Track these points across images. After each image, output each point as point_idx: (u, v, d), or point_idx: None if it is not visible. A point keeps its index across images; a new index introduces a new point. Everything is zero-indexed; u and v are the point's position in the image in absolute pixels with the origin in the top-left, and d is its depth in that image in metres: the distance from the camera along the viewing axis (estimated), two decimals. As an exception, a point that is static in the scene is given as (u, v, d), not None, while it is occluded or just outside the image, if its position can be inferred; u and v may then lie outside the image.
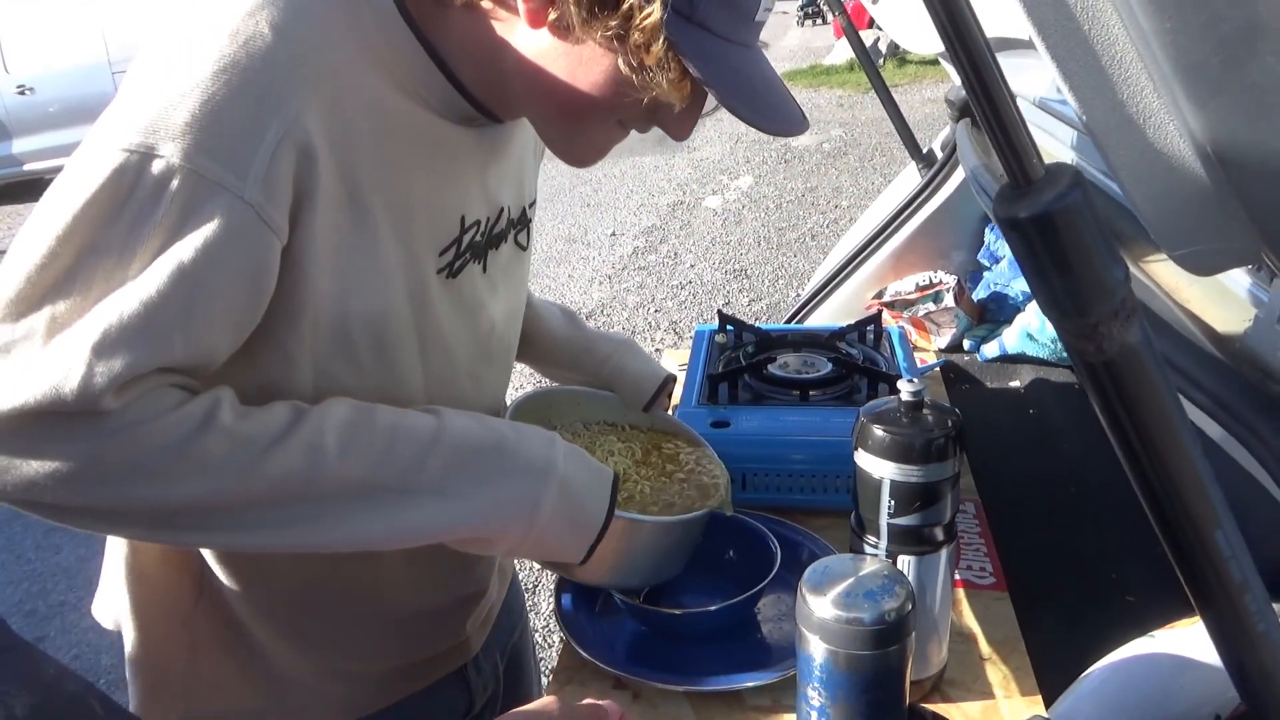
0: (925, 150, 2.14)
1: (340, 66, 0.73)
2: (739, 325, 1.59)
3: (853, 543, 0.93)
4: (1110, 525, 1.27)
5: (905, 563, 0.89)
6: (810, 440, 1.24)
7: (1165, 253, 0.58)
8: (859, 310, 1.93)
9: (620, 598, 1.01)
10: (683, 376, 1.44)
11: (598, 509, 0.84)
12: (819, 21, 17.45)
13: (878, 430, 0.86)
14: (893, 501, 0.87)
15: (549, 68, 0.77)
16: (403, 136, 0.79)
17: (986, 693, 0.95)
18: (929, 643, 0.93)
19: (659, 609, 1.01)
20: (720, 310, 1.76)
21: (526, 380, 3.43)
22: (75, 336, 0.66)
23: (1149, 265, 0.92)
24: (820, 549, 1.13)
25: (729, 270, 5.58)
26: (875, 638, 0.74)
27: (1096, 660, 0.87)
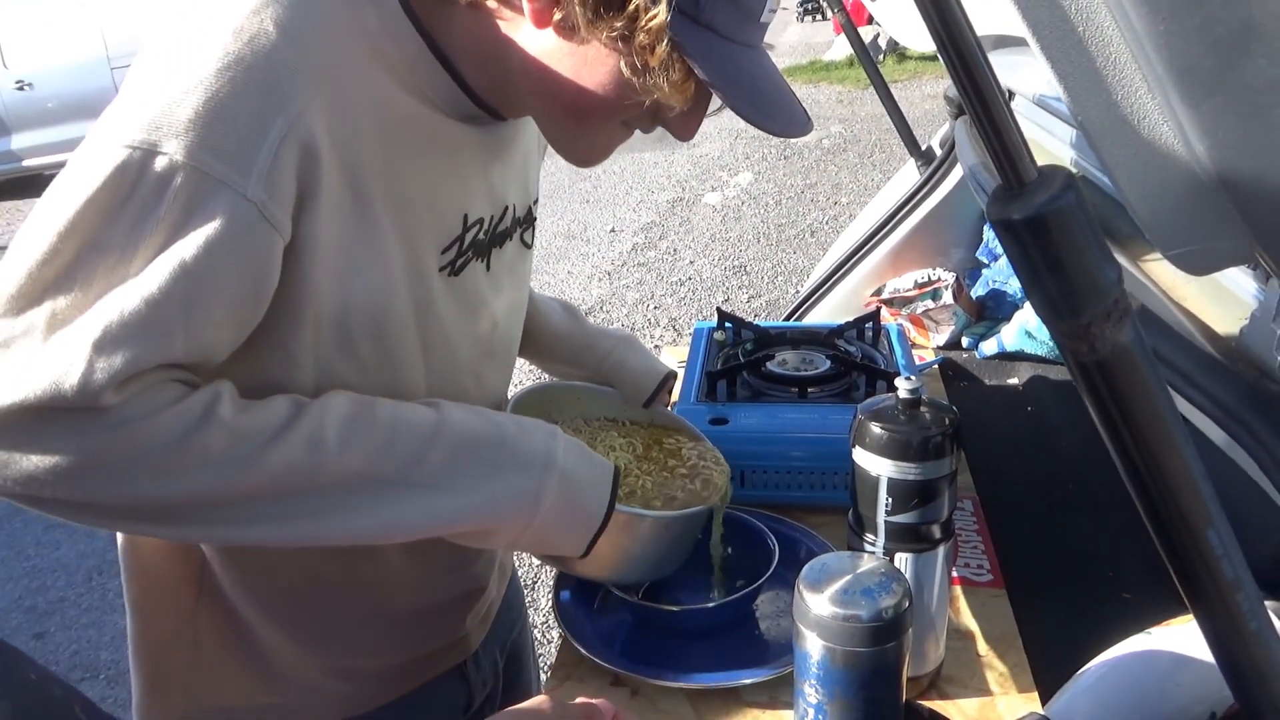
0: (924, 147, 2.14)
1: (344, 64, 0.73)
2: (738, 322, 1.59)
3: (850, 540, 0.93)
4: (1108, 523, 1.28)
5: (903, 560, 0.89)
6: (809, 437, 1.24)
7: (1160, 252, 0.59)
8: (858, 307, 1.93)
9: (619, 594, 1.01)
10: (682, 373, 1.44)
11: (598, 503, 0.84)
12: (819, 17, 17.41)
13: (875, 428, 0.87)
14: (890, 499, 0.87)
15: (554, 67, 0.77)
16: (406, 134, 0.79)
17: (983, 690, 0.96)
18: (926, 640, 0.93)
19: (657, 605, 1.01)
20: (719, 307, 1.76)
21: (527, 376, 3.43)
22: (76, 332, 0.66)
23: (1146, 264, 0.92)
24: (818, 546, 1.13)
25: (728, 267, 5.58)
26: (872, 635, 0.74)
27: (1093, 657, 0.88)
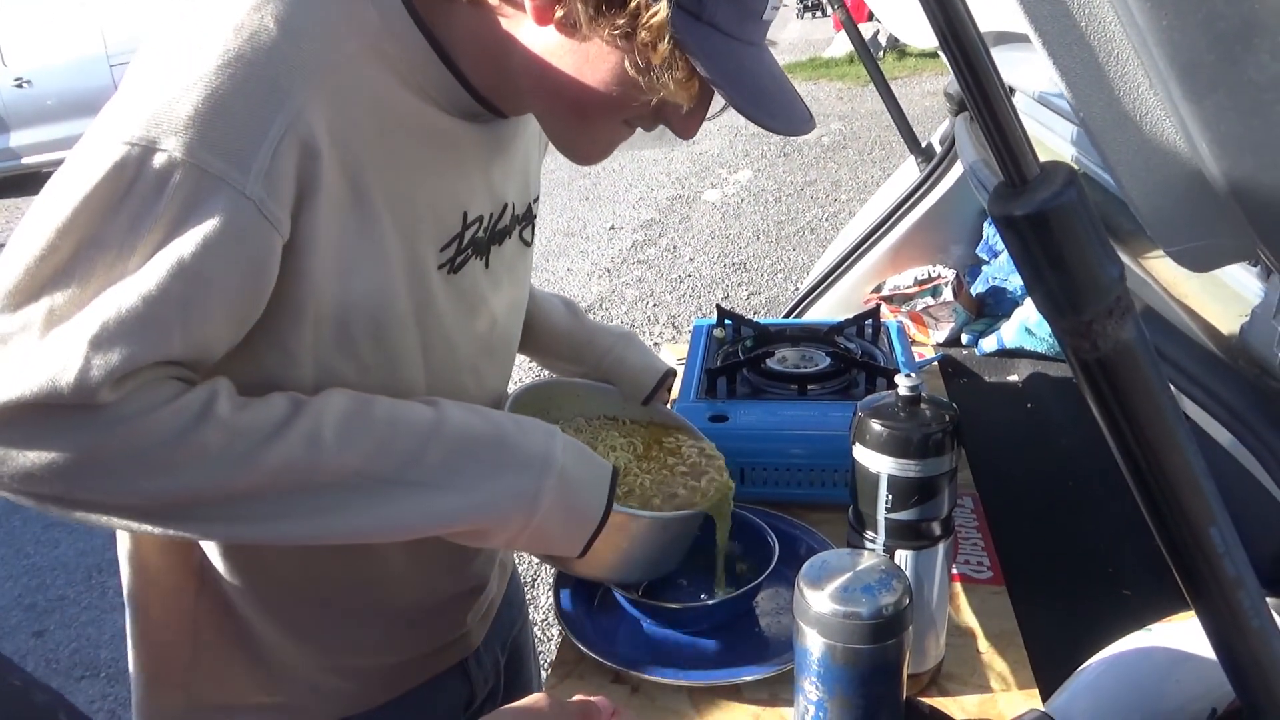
0: (924, 144, 2.14)
1: (344, 61, 0.73)
2: (737, 319, 1.59)
3: (850, 537, 0.93)
4: (1108, 520, 1.28)
5: (903, 557, 0.89)
6: (808, 434, 1.24)
7: (1161, 249, 0.59)
8: (857, 304, 1.93)
9: (619, 592, 1.01)
10: (681, 371, 1.44)
11: (596, 503, 0.84)
12: (818, 14, 17.39)
13: (875, 425, 0.86)
14: (890, 496, 0.87)
15: (556, 65, 0.77)
16: (406, 132, 0.79)
17: (984, 686, 0.96)
18: (926, 637, 0.93)
19: (657, 603, 1.01)
20: (719, 304, 1.76)
21: (526, 372, 3.43)
22: (73, 329, 0.66)
23: (1147, 260, 0.92)
24: (818, 543, 1.13)
25: (728, 264, 5.57)
26: (872, 632, 0.74)
27: (1094, 654, 0.88)
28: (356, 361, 0.81)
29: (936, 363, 1.79)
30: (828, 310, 2.03)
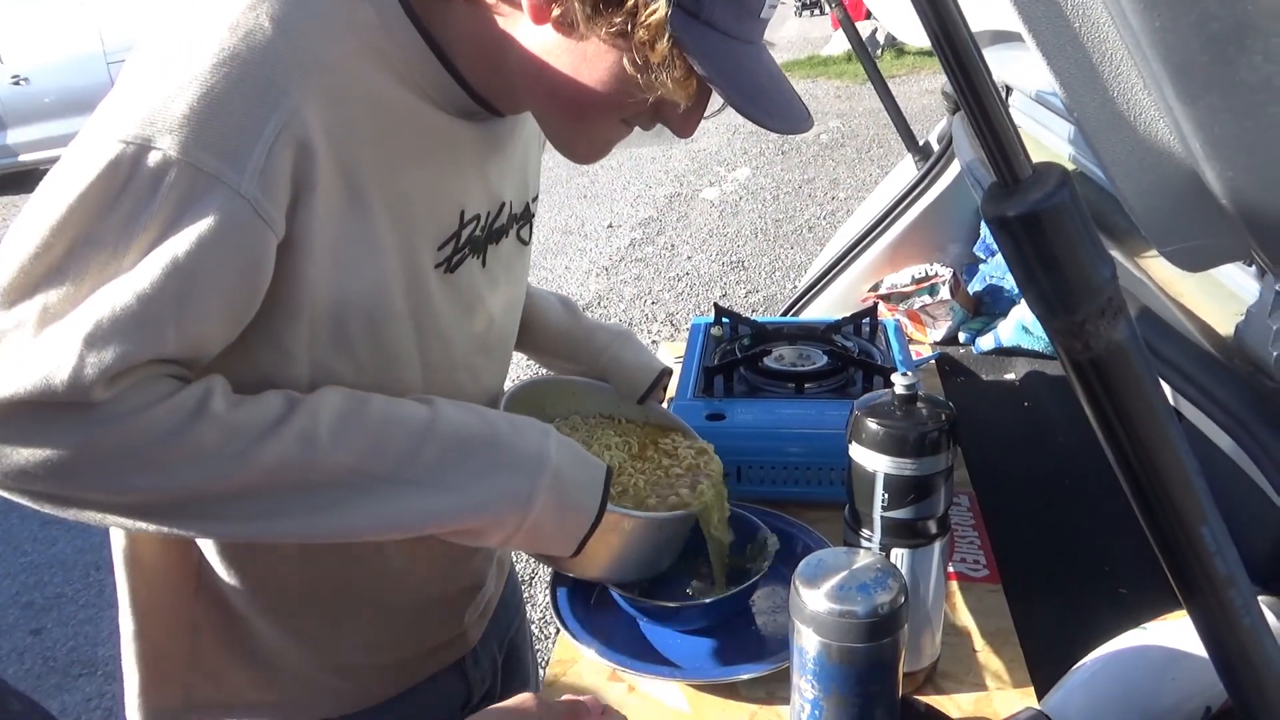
0: (921, 143, 2.14)
1: (340, 60, 0.73)
2: (735, 318, 1.59)
3: (847, 535, 0.93)
4: (1104, 518, 1.28)
5: (899, 556, 0.89)
6: (805, 433, 1.24)
7: (1155, 248, 0.59)
8: (855, 303, 1.93)
9: (616, 590, 1.01)
10: (679, 369, 1.44)
11: (590, 503, 0.84)
12: (817, 12, 17.38)
13: (872, 423, 0.87)
14: (886, 494, 0.87)
15: (553, 64, 0.77)
16: (403, 130, 0.79)
17: (979, 684, 0.96)
18: (922, 635, 0.93)
19: (654, 601, 1.01)
20: (716, 303, 1.76)
21: (524, 371, 3.43)
22: (67, 327, 0.66)
23: (1143, 260, 0.92)
24: (815, 542, 1.13)
25: (726, 262, 5.57)
26: (868, 630, 0.75)
27: (1089, 652, 0.88)
28: (352, 360, 0.81)
29: (933, 361, 1.79)
30: (825, 309, 2.03)
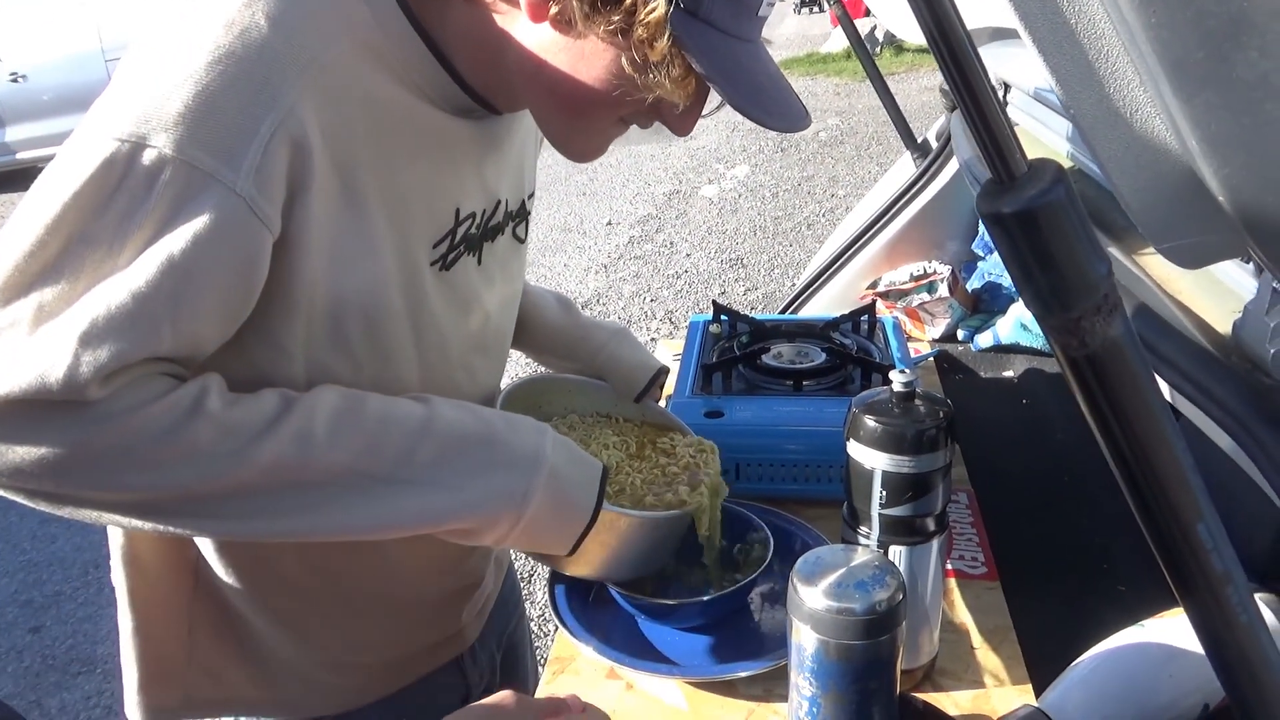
0: (920, 140, 2.13)
1: (336, 58, 0.73)
2: (733, 315, 1.59)
3: (845, 533, 0.93)
4: (1102, 516, 1.28)
5: (897, 553, 0.89)
6: (804, 430, 1.24)
7: (1152, 245, 0.59)
8: (853, 300, 1.93)
9: (614, 588, 1.01)
10: (678, 366, 1.44)
11: (586, 501, 0.84)
12: (816, 9, 17.37)
13: (869, 421, 0.87)
14: (884, 492, 0.87)
15: (551, 62, 0.77)
16: (399, 128, 0.79)
17: (977, 682, 0.96)
18: (920, 632, 0.93)
19: (652, 599, 1.01)
20: (715, 300, 1.76)
21: (521, 369, 3.43)
22: (62, 325, 0.66)
23: (1140, 257, 0.92)
24: (813, 539, 1.13)
25: (725, 259, 5.57)
26: (866, 627, 0.75)
27: (1087, 650, 0.88)
28: (349, 358, 0.81)
29: (932, 358, 1.79)
30: (824, 306, 2.03)
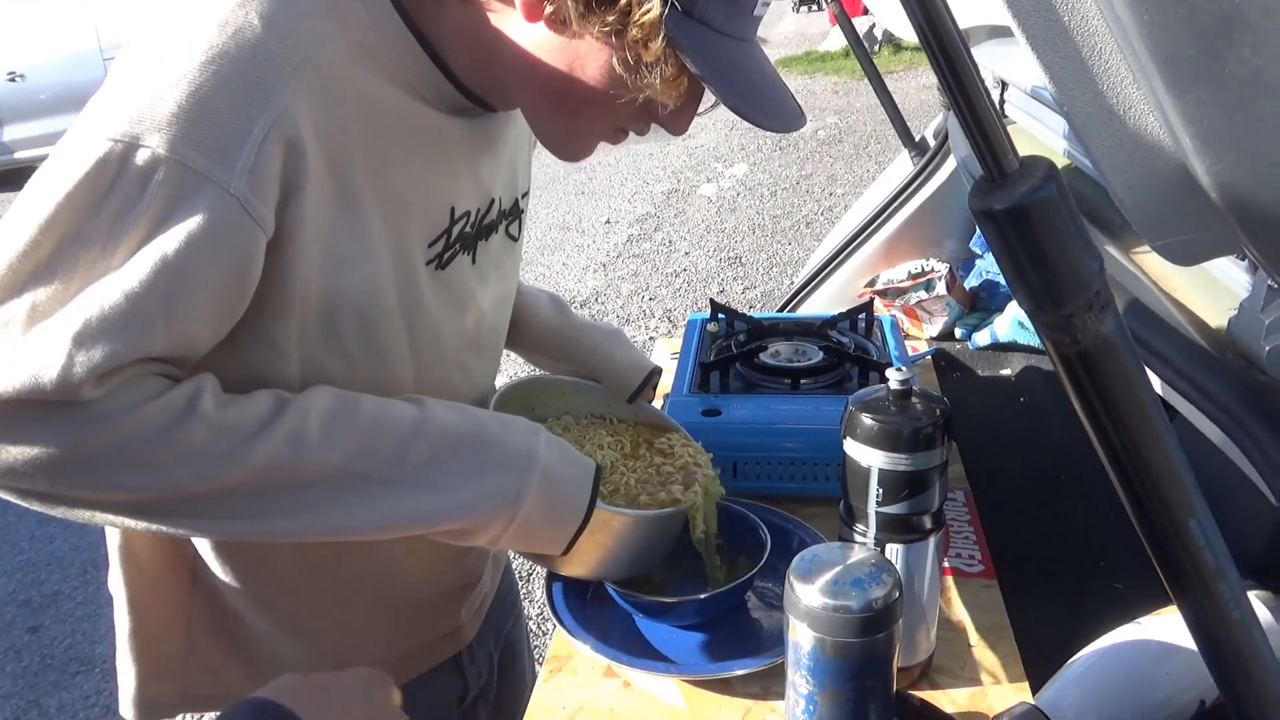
0: (918, 138, 2.13)
1: (330, 58, 0.73)
2: (731, 313, 1.59)
3: (841, 531, 0.93)
4: (1099, 513, 1.28)
5: (893, 551, 0.89)
6: (801, 428, 1.24)
7: (1146, 242, 0.59)
8: (851, 298, 1.93)
9: (611, 586, 1.01)
10: (675, 365, 1.44)
11: (579, 501, 0.84)
12: (814, 8, 17.37)
13: (866, 419, 0.87)
14: (881, 490, 0.87)
15: (546, 61, 0.77)
16: (394, 128, 0.79)
17: (974, 679, 0.96)
18: (917, 630, 0.93)
19: (650, 598, 1.01)
20: (712, 299, 1.76)
21: (516, 370, 3.43)
22: (56, 325, 0.66)
23: (1136, 254, 0.93)
24: (810, 537, 1.13)
25: (723, 258, 5.57)
26: (862, 625, 0.75)
27: (1084, 647, 0.88)
28: (344, 357, 0.81)
29: (930, 357, 1.79)
30: (822, 304, 2.03)
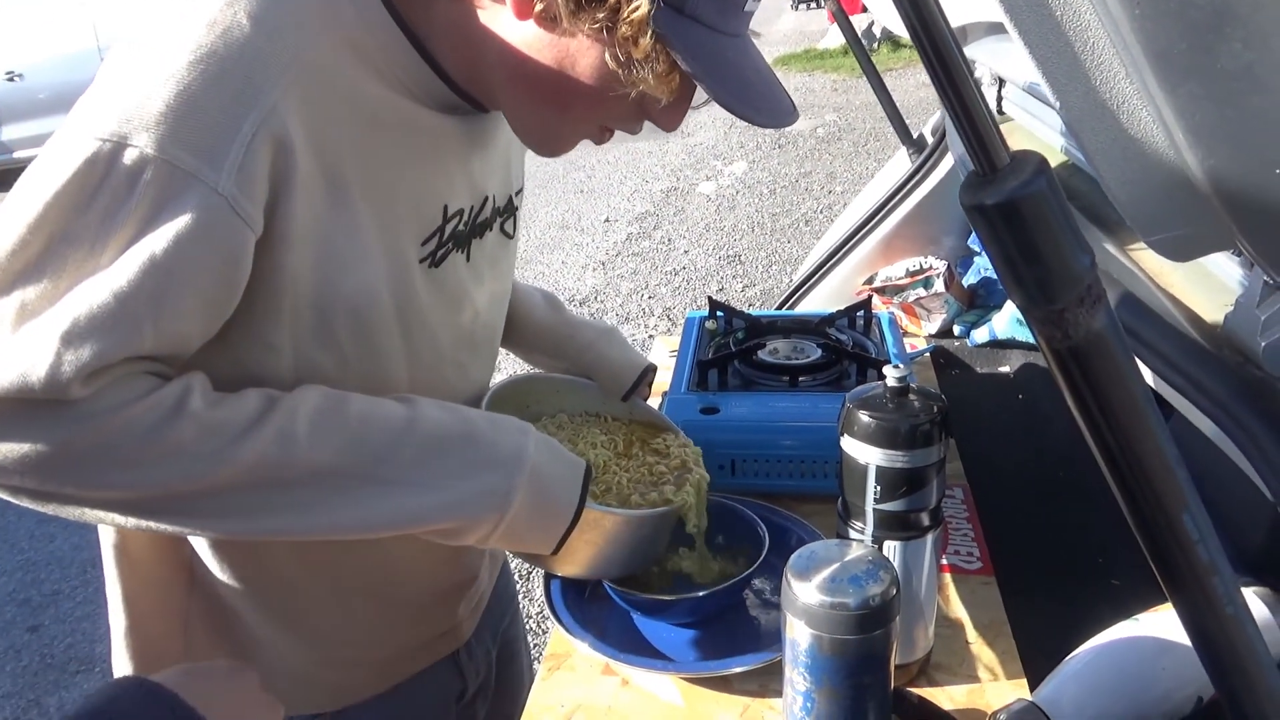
0: (916, 135, 2.13)
1: (319, 56, 0.73)
2: (729, 311, 1.59)
3: (839, 528, 0.93)
4: (1097, 510, 1.28)
5: (891, 548, 0.89)
6: (799, 426, 1.24)
7: (1141, 238, 0.59)
8: (850, 296, 1.93)
9: (609, 584, 1.01)
10: (674, 363, 1.44)
11: (568, 501, 0.84)
12: (813, 5, 17.37)
13: (863, 416, 0.87)
14: (878, 487, 0.87)
15: (535, 58, 0.76)
16: (384, 126, 0.79)
17: (972, 676, 0.96)
18: (915, 627, 0.93)
19: (647, 595, 1.01)
20: (710, 296, 1.76)
21: (512, 368, 3.43)
22: (44, 324, 0.66)
23: (1133, 250, 0.93)
24: (808, 534, 1.13)
25: (723, 256, 5.57)
26: (860, 622, 0.75)
27: (1082, 644, 0.88)
28: (337, 354, 0.81)
29: (928, 354, 1.79)
30: (820, 302, 2.03)
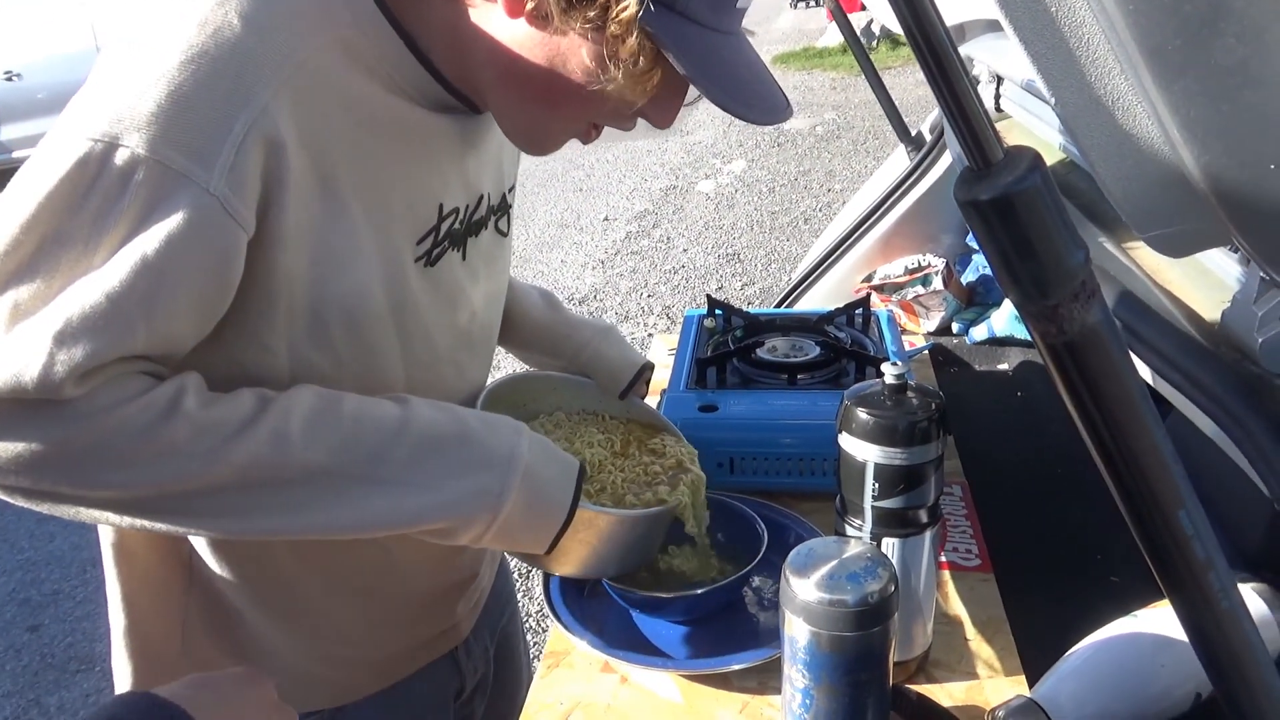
0: (914, 133, 2.13)
1: (311, 56, 0.73)
2: (728, 309, 1.59)
3: (837, 525, 0.93)
4: (1095, 507, 1.28)
5: (889, 545, 0.89)
6: (798, 424, 1.24)
7: (1137, 234, 0.59)
8: (848, 294, 1.93)
9: (608, 582, 1.01)
10: (673, 361, 1.44)
11: (562, 500, 0.83)
12: (812, 3, 17.38)
13: (861, 413, 0.87)
14: (876, 484, 0.87)
15: (527, 57, 0.76)
16: (378, 125, 0.79)
17: (971, 673, 0.96)
18: (914, 624, 0.93)
19: (646, 593, 1.01)
20: (709, 294, 1.76)
21: (513, 367, 3.43)
22: (37, 325, 0.66)
23: (1129, 247, 0.93)
24: (807, 532, 1.14)
25: (722, 254, 5.57)
26: (858, 619, 0.75)
27: (1080, 640, 0.88)
28: (332, 354, 0.81)
29: (927, 351, 1.79)
30: (819, 300, 2.03)
